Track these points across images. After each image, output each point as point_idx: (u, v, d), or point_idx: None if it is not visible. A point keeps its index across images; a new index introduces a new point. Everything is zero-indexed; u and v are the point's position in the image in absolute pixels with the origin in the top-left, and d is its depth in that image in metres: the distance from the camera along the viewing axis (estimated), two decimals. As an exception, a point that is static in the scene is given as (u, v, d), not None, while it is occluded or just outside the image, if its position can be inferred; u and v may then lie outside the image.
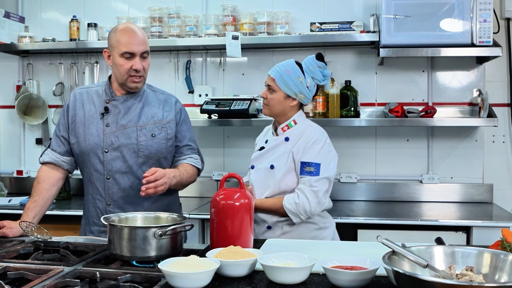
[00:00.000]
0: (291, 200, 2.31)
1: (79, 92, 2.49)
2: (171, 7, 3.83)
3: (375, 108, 3.71)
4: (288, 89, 2.40)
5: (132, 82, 2.35)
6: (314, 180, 2.32)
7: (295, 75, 2.39)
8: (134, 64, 2.31)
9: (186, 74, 3.92)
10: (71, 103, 2.47)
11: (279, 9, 3.70)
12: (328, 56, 3.76)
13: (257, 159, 2.51)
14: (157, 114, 2.44)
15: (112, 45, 2.35)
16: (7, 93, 4.18)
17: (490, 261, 1.47)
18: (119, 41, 2.31)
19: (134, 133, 2.38)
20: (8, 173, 4.14)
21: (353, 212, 3.29)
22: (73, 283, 1.60)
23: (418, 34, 3.24)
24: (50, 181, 2.44)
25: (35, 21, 4.12)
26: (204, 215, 3.18)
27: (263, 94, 2.47)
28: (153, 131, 2.40)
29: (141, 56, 2.33)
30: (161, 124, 2.43)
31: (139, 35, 2.33)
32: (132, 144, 2.37)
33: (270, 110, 2.46)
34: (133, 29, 2.35)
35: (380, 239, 1.48)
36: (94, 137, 2.38)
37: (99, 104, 2.42)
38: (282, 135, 2.46)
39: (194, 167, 2.50)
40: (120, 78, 2.36)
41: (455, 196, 3.61)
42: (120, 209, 2.36)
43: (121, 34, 2.32)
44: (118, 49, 2.31)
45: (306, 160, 2.35)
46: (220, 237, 1.88)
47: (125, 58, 2.31)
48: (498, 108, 3.57)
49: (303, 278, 1.57)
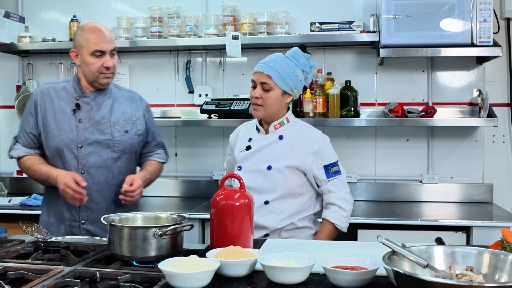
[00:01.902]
0: (341, 218, 2.34)
1: (46, 88, 2.49)
2: (171, 7, 3.83)
3: (375, 108, 3.71)
4: (286, 86, 2.29)
5: (103, 78, 2.42)
6: (343, 180, 2.37)
7: (291, 69, 2.30)
8: (104, 61, 2.38)
9: (186, 74, 3.92)
10: (39, 99, 2.46)
11: (279, 9, 3.70)
12: (328, 56, 3.78)
13: (245, 159, 2.37)
14: (127, 111, 2.53)
15: (80, 44, 2.40)
16: (7, 93, 4.18)
17: (490, 261, 1.47)
18: (88, 40, 2.38)
19: (108, 129, 2.45)
20: (8, 173, 4.14)
21: (353, 212, 3.25)
22: (73, 283, 1.59)
23: (418, 34, 3.24)
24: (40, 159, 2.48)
25: (35, 21, 4.13)
26: (204, 215, 3.18)
27: (256, 94, 2.29)
28: (126, 127, 2.49)
29: (110, 54, 2.41)
30: (131, 121, 2.52)
31: (107, 33, 2.42)
32: (107, 140, 2.44)
33: (266, 111, 2.31)
34: (101, 28, 2.42)
35: (380, 239, 1.48)
36: (67, 132, 2.42)
37: (68, 101, 2.46)
38: (275, 133, 2.36)
39: (160, 162, 2.65)
40: (91, 76, 2.42)
41: (455, 196, 3.62)
42: (93, 203, 2.42)
43: (90, 33, 2.39)
44: (88, 48, 2.38)
45: (328, 162, 2.34)
46: (220, 237, 1.88)
47: (96, 56, 2.38)
48: (498, 108, 3.57)
49: (303, 278, 1.57)
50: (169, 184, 3.94)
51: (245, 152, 2.38)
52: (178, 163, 3.97)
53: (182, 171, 3.96)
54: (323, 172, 2.33)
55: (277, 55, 2.35)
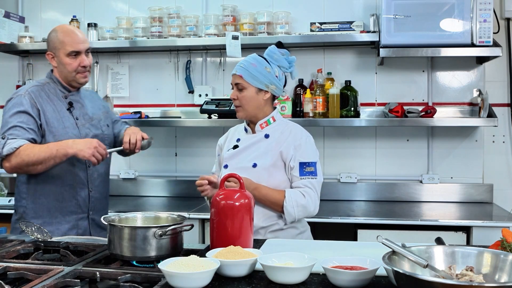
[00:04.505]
0: (293, 202, 2.26)
1: (35, 90, 2.49)
2: (171, 7, 3.83)
3: (375, 108, 3.71)
4: (258, 82, 2.32)
5: (81, 77, 2.51)
6: (317, 183, 2.32)
7: (261, 66, 2.33)
8: (81, 61, 2.48)
9: (186, 74, 3.92)
10: (35, 99, 2.45)
11: (279, 9, 3.70)
12: (328, 56, 3.78)
13: (231, 158, 2.40)
14: (99, 107, 2.68)
15: (55, 47, 2.49)
16: (7, 93, 4.13)
17: (490, 261, 1.47)
18: (64, 42, 2.47)
19: (99, 124, 2.60)
20: (8, 173, 4.13)
21: (353, 212, 3.29)
22: (73, 283, 1.60)
23: (418, 34, 3.24)
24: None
25: (35, 21, 4.13)
26: (204, 215, 3.18)
27: (233, 95, 2.36)
28: (106, 122, 2.65)
29: (85, 53, 2.51)
30: (105, 115, 2.68)
31: (80, 34, 2.52)
32: (101, 134, 2.57)
33: (245, 111, 2.35)
34: (73, 29, 2.54)
35: (380, 239, 1.48)
36: (71, 129, 2.48)
37: (57, 100, 2.51)
38: (261, 132, 2.38)
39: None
40: (69, 76, 2.50)
41: (455, 196, 3.62)
42: (100, 194, 2.57)
43: (64, 35, 2.48)
44: (64, 50, 2.47)
45: (305, 160, 2.32)
46: (220, 237, 1.88)
47: (72, 56, 2.47)
48: (498, 108, 3.57)
49: (303, 278, 1.57)
50: (169, 184, 3.94)
51: (232, 150, 2.42)
52: (178, 163, 3.97)
53: (182, 171, 3.96)
54: (297, 169, 2.32)
55: (250, 55, 2.39)
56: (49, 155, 2.31)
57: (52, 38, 2.51)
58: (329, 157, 3.77)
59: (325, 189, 3.73)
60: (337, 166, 3.77)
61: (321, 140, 3.77)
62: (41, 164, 2.33)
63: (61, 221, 2.47)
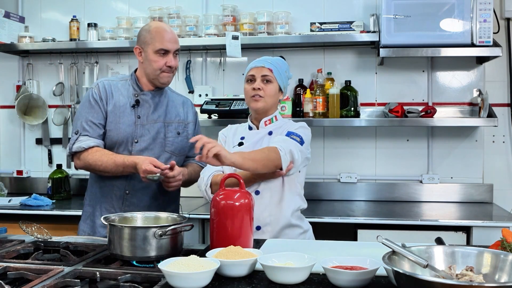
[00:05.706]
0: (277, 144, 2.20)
1: (106, 83, 2.52)
2: (171, 7, 3.83)
3: (375, 108, 3.71)
4: (281, 81, 2.37)
5: (165, 77, 2.48)
6: (298, 146, 2.25)
7: (284, 69, 2.40)
8: (168, 61, 2.45)
9: (186, 74, 3.92)
10: (102, 93, 2.48)
11: (279, 9, 3.70)
12: (328, 56, 3.78)
13: None
14: (180, 114, 2.60)
15: (146, 42, 2.47)
16: (7, 93, 4.18)
17: (490, 261, 1.47)
18: (155, 38, 2.45)
19: (163, 129, 2.52)
20: (8, 173, 4.14)
21: (353, 212, 3.29)
22: (73, 283, 1.60)
23: (418, 34, 3.24)
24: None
25: (35, 21, 4.13)
26: (204, 215, 3.18)
27: (258, 85, 2.32)
28: (178, 129, 2.57)
29: (173, 54, 2.48)
30: (184, 124, 2.60)
31: (172, 34, 2.49)
32: (160, 139, 2.51)
33: (266, 102, 2.34)
34: (167, 28, 2.50)
35: (380, 239, 1.48)
36: (126, 127, 2.46)
37: (127, 96, 2.50)
38: (265, 129, 2.41)
39: (200, 166, 2.62)
40: (152, 74, 2.48)
41: (455, 196, 3.62)
42: (135, 198, 2.49)
43: (156, 32, 2.46)
44: (153, 46, 2.44)
45: (292, 131, 2.30)
46: (220, 237, 1.88)
47: (160, 54, 2.44)
48: (498, 108, 3.57)
49: (303, 278, 1.57)
50: (169, 184, 3.94)
51: (237, 147, 2.43)
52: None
53: (182, 171, 3.96)
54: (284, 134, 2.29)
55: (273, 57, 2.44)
56: (113, 171, 2.41)
57: (143, 32, 2.49)
58: (329, 157, 3.78)
59: (325, 189, 3.77)
60: (337, 166, 3.77)
61: (321, 140, 3.78)
62: (108, 173, 2.43)
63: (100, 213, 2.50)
